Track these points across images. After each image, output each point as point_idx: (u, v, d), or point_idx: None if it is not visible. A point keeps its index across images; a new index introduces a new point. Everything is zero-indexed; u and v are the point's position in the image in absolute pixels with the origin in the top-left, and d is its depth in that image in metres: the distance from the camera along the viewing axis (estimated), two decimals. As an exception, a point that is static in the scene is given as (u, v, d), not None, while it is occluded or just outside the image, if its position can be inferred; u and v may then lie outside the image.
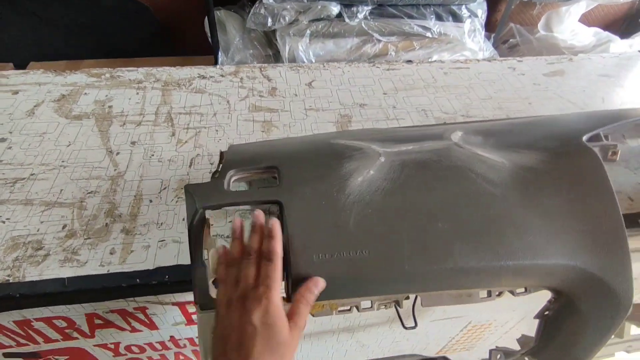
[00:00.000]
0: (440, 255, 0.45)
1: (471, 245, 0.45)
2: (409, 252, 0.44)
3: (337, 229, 0.45)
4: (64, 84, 0.84)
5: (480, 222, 0.46)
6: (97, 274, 0.53)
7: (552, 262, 0.46)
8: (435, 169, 0.49)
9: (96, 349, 0.68)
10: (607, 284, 0.46)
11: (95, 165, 0.67)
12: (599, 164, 0.48)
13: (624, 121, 0.54)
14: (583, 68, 1.03)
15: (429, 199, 0.47)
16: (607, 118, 0.56)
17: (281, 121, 0.79)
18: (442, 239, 0.45)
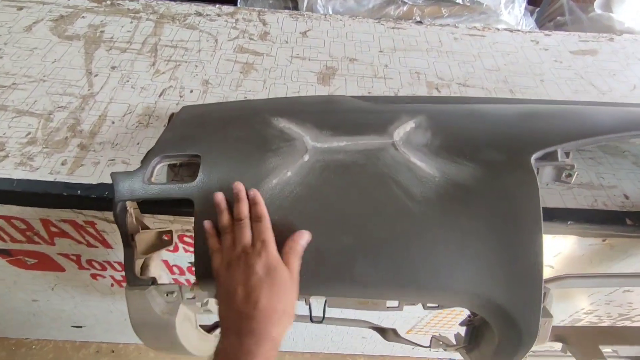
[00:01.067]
0: (338, 269, 0.44)
1: (372, 262, 0.44)
2: (308, 264, 0.44)
3: None
4: (66, 5, 0.86)
5: (387, 239, 0.44)
6: (44, 180, 0.55)
7: (456, 288, 0.44)
8: (357, 175, 0.47)
9: (60, 258, 0.72)
10: (513, 317, 0.44)
11: (72, 83, 0.69)
12: (535, 193, 0.44)
13: (606, 136, 0.47)
14: (623, 50, 0.91)
15: (339, 210, 0.46)
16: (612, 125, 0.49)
17: (263, 65, 0.77)
18: (344, 253, 0.44)
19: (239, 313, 0.40)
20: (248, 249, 0.43)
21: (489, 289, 0.43)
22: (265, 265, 0.41)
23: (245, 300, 0.40)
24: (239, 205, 0.45)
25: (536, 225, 0.42)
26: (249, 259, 0.42)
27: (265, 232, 0.43)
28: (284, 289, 0.41)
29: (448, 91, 0.76)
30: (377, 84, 0.75)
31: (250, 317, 0.39)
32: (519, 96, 0.77)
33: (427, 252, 0.42)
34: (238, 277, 0.41)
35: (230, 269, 0.42)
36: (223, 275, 0.43)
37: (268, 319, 0.39)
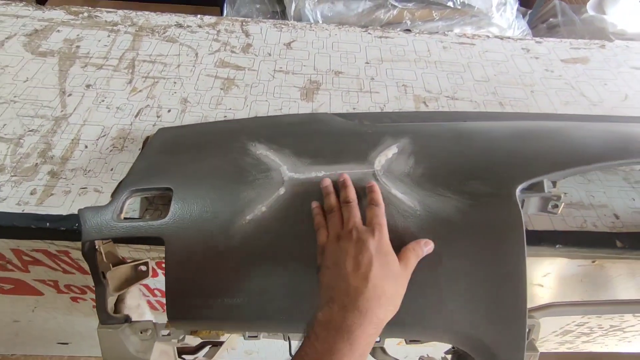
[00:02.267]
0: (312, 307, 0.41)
1: None
2: (283, 304, 0.43)
3: (215, 274, 0.44)
4: (41, 18, 0.83)
5: None
6: (11, 212, 0.53)
7: (438, 326, 0.42)
8: None
9: (37, 283, 0.70)
10: (497, 355, 0.42)
11: (44, 104, 0.66)
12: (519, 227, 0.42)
13: (599, 164, 0.45)
14: (614, 58, 0.89)
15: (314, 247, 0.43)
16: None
17: (244, 80, 0.74)
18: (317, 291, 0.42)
19: (348, 284, 0.38)
20: (360, 227, 0.41)
21: (471, 326, 0.42)
22: (378, 246, 0.40)
23: (354, 272, 0.38)
24: (346, 189, 0.45)
25: (520, 262, 0.41)
26: (361, 234, 0.40)
27: (382, 217, 0.42)
28: (395, 275, 0.40)
29: (436, 105, 0.74)
30: (362, 99, 0.73)
31: (359, 292, 0.37)
32: (509, 109, 0.75)
33: (409, 291, 0.40)
34: (349, 248, 0.40)
35: (341, 241, 0.41)
36: (331, 247, 0.41)
37: (376, 299, 0.37)
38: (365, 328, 0.36)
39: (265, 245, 0.44)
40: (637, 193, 0.62)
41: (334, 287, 0.39)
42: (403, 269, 0.40)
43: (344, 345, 0.36)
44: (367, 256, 0.39)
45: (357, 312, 0.37)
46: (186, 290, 0.44)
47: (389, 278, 0.39)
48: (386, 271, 0.39)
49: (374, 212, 0.42)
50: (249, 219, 0.45)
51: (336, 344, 0.36)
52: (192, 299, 0.43)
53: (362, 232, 0.41)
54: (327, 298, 0.39)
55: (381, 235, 0.41)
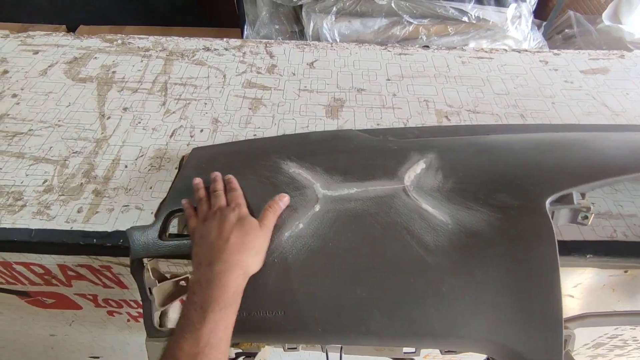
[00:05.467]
0: (353, 321, 0.44)
1: (387, 314, 0.44)
2: (323, 317, 0.45)
3: (256, 289, 0.46)
4: (79, 47, 0.88)
5: (401, 291, 0.44)
6: (61, 229, 0.56)
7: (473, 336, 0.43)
8: (369, 226, 0.48)
9: (77, 297, 0.73)
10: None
11: (86, 127, 0.71)
12: (551, 239, 0.43)
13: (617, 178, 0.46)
14: (634, 67, 0.90)
15: (353, 262, 0.46)
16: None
17: (271, 100, 0.77)
18: (358, 305, 0.44)
19: (211, 246, 0.44)
20: (223, 207, 0.48)
21: (507, 337, 0.42)
22: (237, 216, 0.47)
23: (217, 237, 0.45)
24: (214, 183, 0.52)
25: (554, 273, 0.41)
26: (223, 212, 0.47)
27: (239, 197, 0.50)
28: (254, 233, 0.46)
29: (458, 119, 0.75)
30: (385, 115, 0.75)
31: (221, 249, 0.43)
32: (530, 121, 0.76)
33: (442, 303, 0.42)
34: (213, 224, 0.46)
35: (206, 221, 0.47)
36: (199, 228, 0.48)
37: (237, 250, 0.44)
38: (233, 272, 0.42)
39: (304, 260, 0.46)
40: (667, 202, 0.62)
41: (200, 254, 0.45)
42: (262, 226, 0.47)
43: (217, 290, 0.41)
44: (228, 224, 0.46)
45: (221, 262, 0.43)
46: None
47: (249, 236, 0.45)
48: (245, 229, 0.46)
49: (231, 195, 0.50)
50: (287, 235, 0.47)
51: (210, 290, 0.41)
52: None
53: (224, 210, 0.48)
54: (197, 264, 0.44)
55: (239, 208, 0.48)
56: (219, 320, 0.40)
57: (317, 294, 0.45)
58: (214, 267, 0.43)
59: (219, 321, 0.40)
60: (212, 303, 0.41)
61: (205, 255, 0.44)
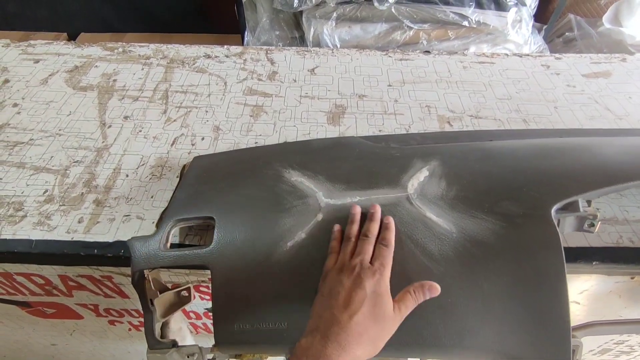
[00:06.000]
0: None
1: None
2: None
3: (259, 301, 0.45)
4: (80, 55, 0.88)
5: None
6: (61, 240, 0.56)
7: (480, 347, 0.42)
8: None
9: (78, 307, 0.73)
10: None
11: (86, 136, 0.70)
12: (557, 247, 0.42)
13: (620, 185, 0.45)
14: (637, 70, 0.89)
15: None
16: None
17: (272, 107, 0.77)
18: None
19: (333, 317, 0.39)
20: (365, 263, 0.43)
21: (515, 347, 0.42)
22: (375, 287, 0.41)
23: (343, 307, 0.40)
24: (370, 223, 0.46)
25: (561, 282, 0.41)
26: (362, 272, 0.42)
27: (387, 257, 0.43)
28: (383, 318, 0.40)
29: (460, 124, 0.75)
30: (387, 121, 0.75)
31: (342, 327, 0.39)
32: (533, 125, 0.75)
33: (448, 313, 0.41)
34: (345, 282, 0.41)
35: (341, 273, 0.42)
36: (331, 276, 0.43)
37: (358, 337, 0.39)
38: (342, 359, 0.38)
39: (306, 270, 0.45)
40: (673, 207, 0.62)
41: (322, 317, 0.40)
42: (396, 312, 0.41)
43: None
44: (361, 294, 0.40)
45: (336, 345, 0.38)
46: (232, 316, 0.45)
47: (377, 320, 0.40)
48: (375, 313, 0.40)
49: (381, 252, 0.44)
50: (289, 245, 0.46)
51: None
52: (238, 323, 0.45)
53: (364, 269, 0.42)
54: (314, 326, 0.40)
55: (382, 276, 0.42)
56: None
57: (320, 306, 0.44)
58: (327, 345, 0.38)
59: None
60: None
61: (324, 322, 0.40)
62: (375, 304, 0.40)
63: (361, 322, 0.39)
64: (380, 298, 0.41)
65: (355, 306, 0.40)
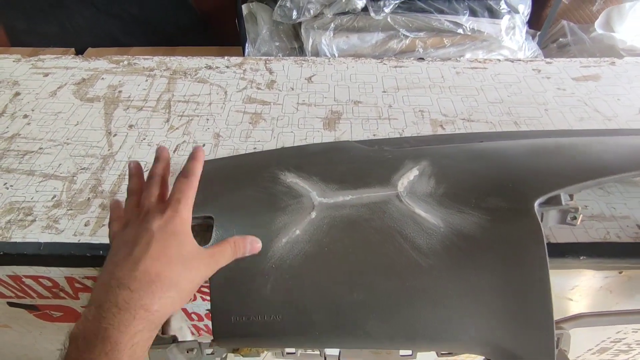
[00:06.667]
0: (351, 325, 0.45)
1: (383, 317, 0.45)
2: (321, 321, 0.45)
3: (255, 294, 0.47)
4: (87, 68, 0.92)
5: (396, 294, 0.45)
6: (69, 242, 0.58)
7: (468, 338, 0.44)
8: (364, 231, 0.49)
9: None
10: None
11: (93, 144, 0.74)
12: (540, 239, 0.44)
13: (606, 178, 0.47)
14: (625, 73, 0.91)
15: (348, 267, 0.47)
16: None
17: (270, 114, 0.80)
18: (355, 310, 0.45)
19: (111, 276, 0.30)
20: (151, 204, 0.36)
21: (500, 337, 0.43)
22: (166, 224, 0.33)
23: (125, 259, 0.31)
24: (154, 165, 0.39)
25: (543, 272, 0.42)
26: (149, 215, 0.34)
27: (186, 190, 0.36)
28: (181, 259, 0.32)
29: (453, 127, 0.77)
30: (381, 126, 0.77)
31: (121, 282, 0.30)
32: (524, 127, 0.77)
33: (436, 305, 0.43)
34: (128, 235, 0.34)
35: (125, 229, 0.35)
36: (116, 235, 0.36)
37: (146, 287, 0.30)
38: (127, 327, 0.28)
39: (300, 265, 0.47)
40: (660, 203, 0.63)
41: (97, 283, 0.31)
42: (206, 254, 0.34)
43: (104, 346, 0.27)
44: (146, 237, 0.32)
45: (114, 309, 0.28)
46: (230, 310, 0.47)
47: (171, 262, 0.32)
48: (169, 254, 0.32)
49: (178, 186, 0.36)
50: (284, 241, 0.49)
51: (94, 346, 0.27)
52: (234, 316, 0.47)
53: (151, 212, 0.34)
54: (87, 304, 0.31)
55: (176, 212, 0.34)
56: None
57: (314, 298, 0.46)
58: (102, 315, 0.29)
59: None
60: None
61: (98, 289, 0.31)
62: (167, 244, 0.32)
63: (149, 268, 0.30)
64: (173, 236, 0.33)
65: (140, 252, 0.31)
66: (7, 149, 0.73)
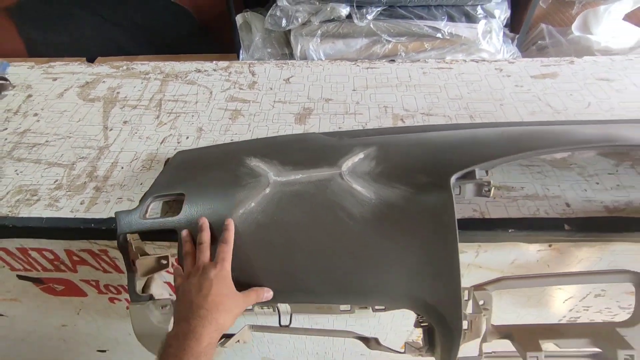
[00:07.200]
0: (296, 282, 0.53)
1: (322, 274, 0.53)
2: (269, 279, 0.54)
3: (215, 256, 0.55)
4: (91, 73, 1.03)
5: (333, 255, 0.53)
6: (66, 217, 0.68)
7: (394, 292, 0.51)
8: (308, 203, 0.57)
9: (82, 284, 0.85)
10: (441, 313, 0.51)
11: (91, 137, 0.84)
12: (450, 207, 0.51)
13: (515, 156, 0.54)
14: (582, 71, 0.98)
15: (294, 233, 0.56)
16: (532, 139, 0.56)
17: (249, 111, 0.89)
18: (298, 269, 0.54)
19: (191, 303, 0.48)
20: (206, 263, 0.52)
21: (420, 290, 0.51)
22: (219, 273, 0.50)
23: (196, 293, 0.49)
24: (200, 234, 0.55)
25: (452, 234, 0.50)
26: (205, 269, 0.51)
27: (226, 252, 0.53)
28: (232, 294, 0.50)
29: (412, 121, 0.85)
30: (347, 120, 0.86)
31: (199, 306, 0.48)
32: (478, 120, 0.85)
33: (366, 263, 0.50)
34: (194, 281, 0.51)
35: (189, 277, 0.52)
36: (182, 284, 0.52)
37: (215, 308, 0.48)
38: (207, 328, 0.46)
39: (252, 232, 0.56)
40: (589, 185, 0.70)
41: (181, 310, 0.49)
42: (241, 295, 0.51)
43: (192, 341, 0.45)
44: (208, 281, 0.49)
45: (198, 319, 0.47)
46: None
47: (227, 295, 0.49)
48: (224, 290, 0.49)
49: (221, 249, 0.53)
50: (241, 212, 0.57)
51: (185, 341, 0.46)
52: None
53: (207, 266, 0.51)
54: (177, 320, 0.48)
55: (222, 266, 0.51)
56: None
57: (264, 259, 0.55)
58: (191, 322, 0.47)
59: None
60: (186, 352, 0.45)
61: (184, 311, 0.48)
62: (221, 284, 0.50)
63: (215, 299, 0.48)
64: (224, 280, 0.50)
65: (206, 290, 0.49)
66: (19, 142, 0.84)
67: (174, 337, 0.47)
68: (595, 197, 0.68)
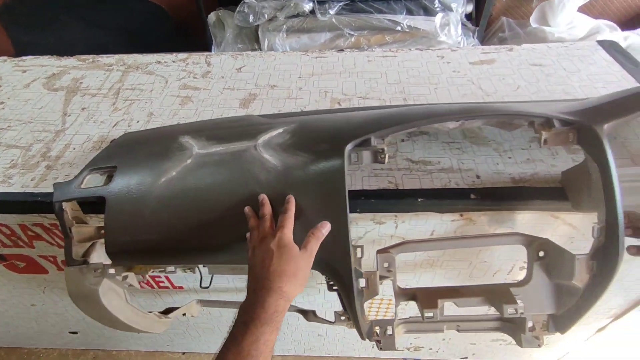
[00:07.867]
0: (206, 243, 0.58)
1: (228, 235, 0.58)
2: (184, 239, 0.59)
3: (139, 219, 0.61)
4: (59, 65, 1.10)
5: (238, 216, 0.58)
6: (16, 192, 0.74)
7: None
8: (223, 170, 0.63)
9: (42, 260, 0.91)
10: (335, 267, 0.56)
11: (50, 122, 0.90)
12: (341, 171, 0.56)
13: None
14: (518, 58, 1.02)
15: (207, 196, 0.61)
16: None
17: (199, 97, 0.95)
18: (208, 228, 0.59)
19: (256, 276, 0.53)
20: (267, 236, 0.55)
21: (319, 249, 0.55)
22: (278, 242, 0.53)
23: (261, 267, 0.53)
24: (262, 208, 0.59)
25: (341, 197, 0.55)
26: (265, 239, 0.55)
27: (286, 220, 0.56)
28: (294, 259, 0.53)
29: (348, 104, 0.90)
30: (288, 103, 0.91)
31: (263, 277, 0.52)
32: (411, 102, 0.90)
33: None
34: (258, 253, 0.55)
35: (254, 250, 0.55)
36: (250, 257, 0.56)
37: (277, 277, 0.52)
38: (272, 297, 0.51)
39: (172, 197, 0.61)
40: (502, 159, 0.74)
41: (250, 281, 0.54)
42: (304, 252, 0.53)
43: (258, 310, 0.50)
44: (269, 253, 0.53)
45: (264, 290, 0.51)
46: (119, 231, 0.61)
47: (289, 262, 0.52)
48: (284, 258, 0.52)
49: (282, 218, 0.56)
50: (163, 180, 0.63)
51: (252, 310, 0.51)
52: (124, 236, 0.61)
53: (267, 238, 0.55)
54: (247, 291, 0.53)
55: (282, 233, 0.54)
56: (259, 335, 0.48)
57: (180, 221, 0.60)
58: (257, 292, 0.51)
59: (259, 336, 0.48)
60: (254, 320, 0.49)
61: (251, 283, 0.53)
62: (282, 252, 0.53)
63: (277, 269, 0.52)
64: (284, 248, 0.53)
65: (268, 262, 0.53)
66: (-17, 128, 0.90)
67: (244, 307, 0.52)
68: (505, 170, 0.73)
